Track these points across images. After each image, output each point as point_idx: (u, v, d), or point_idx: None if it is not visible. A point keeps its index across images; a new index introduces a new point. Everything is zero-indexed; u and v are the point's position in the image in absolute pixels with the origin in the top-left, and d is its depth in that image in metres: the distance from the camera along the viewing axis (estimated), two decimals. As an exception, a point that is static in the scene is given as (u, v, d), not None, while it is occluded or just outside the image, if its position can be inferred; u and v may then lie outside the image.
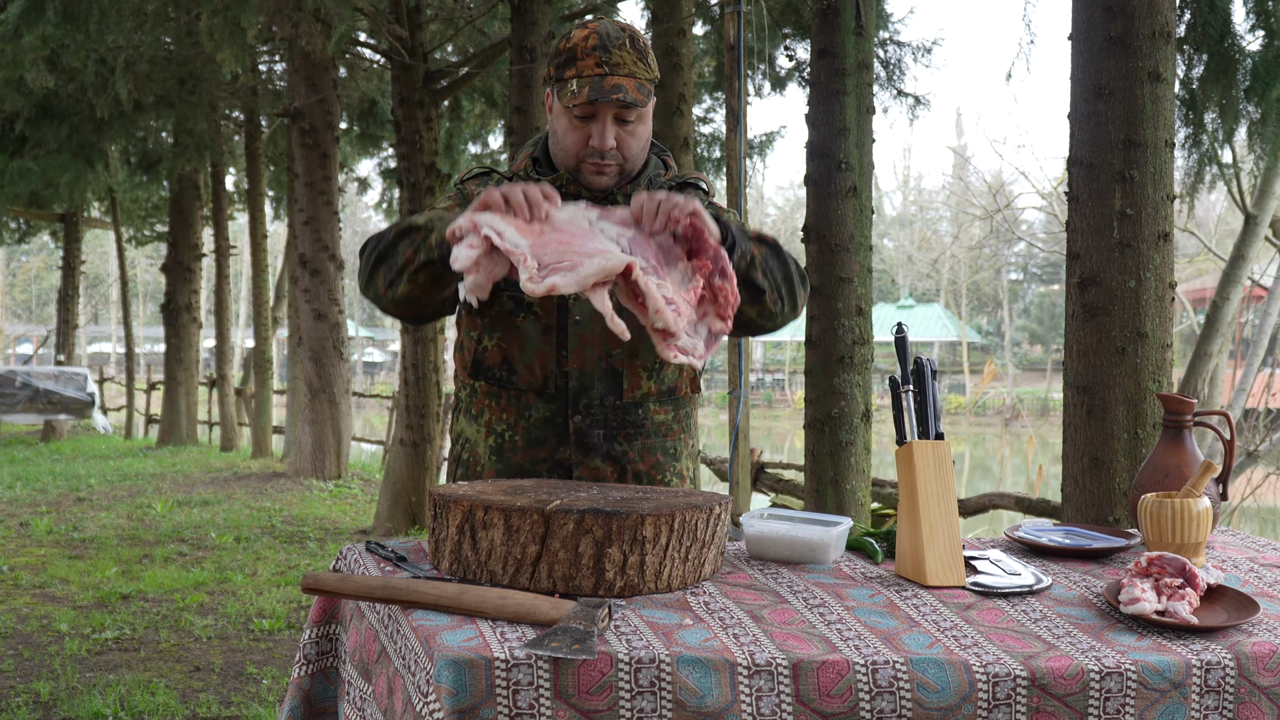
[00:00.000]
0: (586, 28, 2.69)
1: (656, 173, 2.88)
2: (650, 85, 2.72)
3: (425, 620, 1.98)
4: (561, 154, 2.77)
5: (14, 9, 9.45)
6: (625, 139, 2.72)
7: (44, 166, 16.33)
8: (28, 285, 70.54)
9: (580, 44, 2.67)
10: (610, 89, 2.64)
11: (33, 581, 8.31)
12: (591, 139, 2.70)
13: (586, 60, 2.65)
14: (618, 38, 2.67)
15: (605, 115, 2.68)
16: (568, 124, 2.72)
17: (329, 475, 14.61)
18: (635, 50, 2.69)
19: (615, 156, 2.72)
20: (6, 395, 20.37)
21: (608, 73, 2.65)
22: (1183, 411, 2.81)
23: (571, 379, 2.76)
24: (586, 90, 2.64)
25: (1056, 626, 2.10)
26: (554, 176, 2.77)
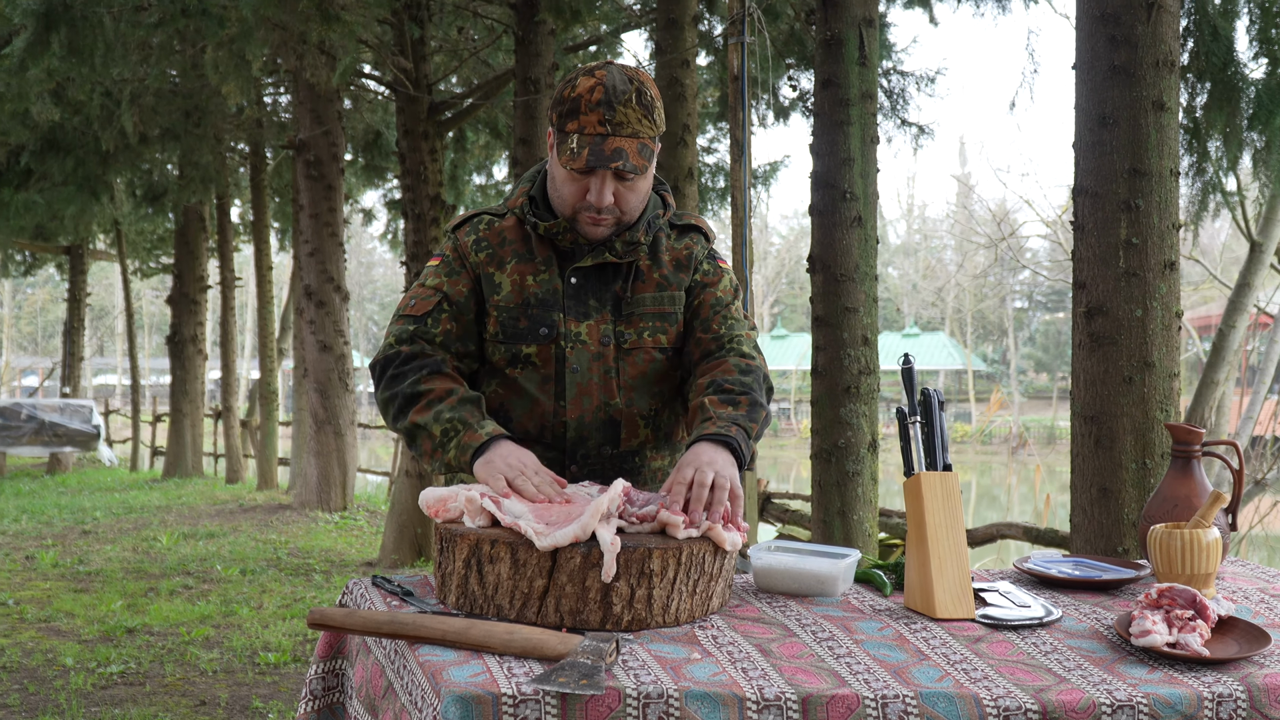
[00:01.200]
0: (594, 77, 2.61)
1: (655, 214, 2.83)
2: (654, 143, 2.67)
3: (432, 655, 1.97)
4: (559, 202, 2.73)
5: (19, 42, 9.49)
6: (624, 194, 2.68)
7: (49, 199, 16.38)
8: (33, 317, 70.64)
9: (585, 95, 2.59)
10: (610, 154, 2.59)
11: (38, 615, 8.29)
12: (589, 194, 2.65)
13: (589, 116, 2.59)
14: (624, 92, 2.60)
15: (604, 173, 2.63)
16: (566, 176, 2.67)
17: (335, 507, 14.59)
18: (641, 106, 2.62)
19: (613, 211, 2.68)
20: (12, 428, 20.39)
21: (609, 133, 2.59)
22: (1191, 441, 2.80)
23: (569, 429, 2.74)
24: (586, 153, 2.59)
25: (1067, 659, 2.09)
26: (552, 224, 2.74)
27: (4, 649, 7.29)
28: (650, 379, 2.78)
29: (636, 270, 2.79)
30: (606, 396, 2.73)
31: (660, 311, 2.78)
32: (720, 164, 14.70)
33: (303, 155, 14.27)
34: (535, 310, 2.73)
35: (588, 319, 2.74)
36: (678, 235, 2.88)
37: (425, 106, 11.91)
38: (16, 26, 9.81)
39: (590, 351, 2.72)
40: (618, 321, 2.75)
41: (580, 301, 2.74)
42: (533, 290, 2.74)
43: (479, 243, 2.80)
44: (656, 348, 2.78)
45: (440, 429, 2.57)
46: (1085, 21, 4.78)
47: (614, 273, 2.78)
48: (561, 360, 2.72)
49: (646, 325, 2.77)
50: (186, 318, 20.51)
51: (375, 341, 73.74)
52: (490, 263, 2.78)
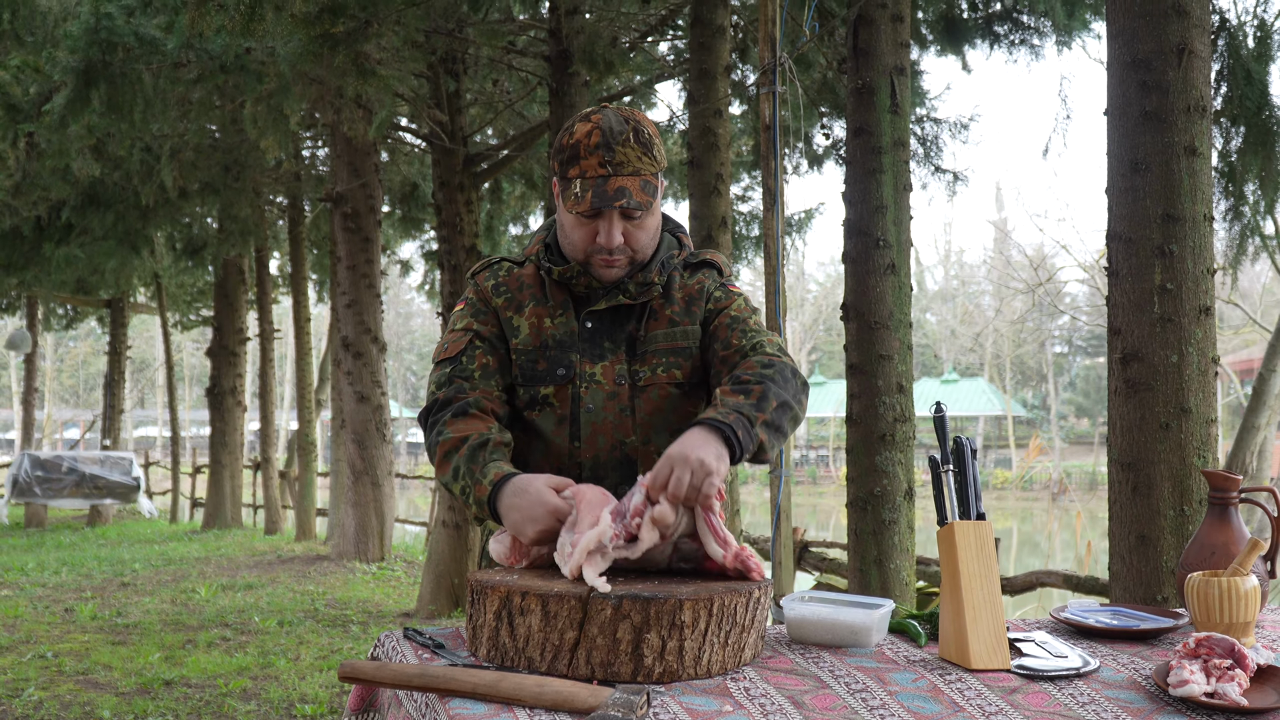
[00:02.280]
0: (589, 121, 2.65)
1: (670, 254, 2.85)
2: (656, 179, 2.69)
3: (463, 709, 1.97)
4: (570, 248, 2.76)
5: (60, 99, 9.62)
6: (633, 233, 2.70)
7: (90, 253, 16.54)
8: (75, 370, 71.24)
9: (583, 141, 2.63)
10: (614, 194, 2.62)
11: (76, 668, 8.32)
12: (599, 236, 2.68)
13: (589, 159, 2.62)
14: (621, 132, 2.64)
15: (611, 215, 2.66)
16: (574, 221, 2.70)
17: (372, 558, 14.60)
18: (639, 144, 2.65)
19: (624, 251, 2.71)
20: (53, 480, 20.52)
21: (611, 173, 2.62)
22: (1228, 488, 2.77)
23: (584, 469, 2.75)
24: (590, 196, 2.61)
25: (1105, 710, 2.07)
26: (565, 268, 2.77)
27: (42, 701, 7.31)
28: (666, 415, 2.78)
29: (650, 310, 2.81)
30: (621, 435, 2.74)
31: (673, 347, 2.79)
32: (754, 212, 14.72)
33: (340, 208, 14.37)
34: (553, 352, 2.76)
35: (602, 360, 2.76)
36: (690, 273, 2.89)
37: (461, 158, 11.99)
38: (57, 84, 9.94)
39: (605, 391, 2.74)
40: (632, 360, 2.77)
41: (595, 344, 2.77)
42: (550, 332, 2.77)
43: (498, 287, 2.84)
44: (671, 383, 2.78)
45: (459, 487, 2.60)
46: (1116, 67, 4.78)
47: (628, 314, 2.80)
48: (576, 401, 2.74)
49: (660, 361, 2.77)
50: (226, 369, 20.64)
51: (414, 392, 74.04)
52: (509, 307, 2.81)
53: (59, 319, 28.13)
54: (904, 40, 6.43)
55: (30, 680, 7.90)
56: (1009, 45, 10.18)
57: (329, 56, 9.09)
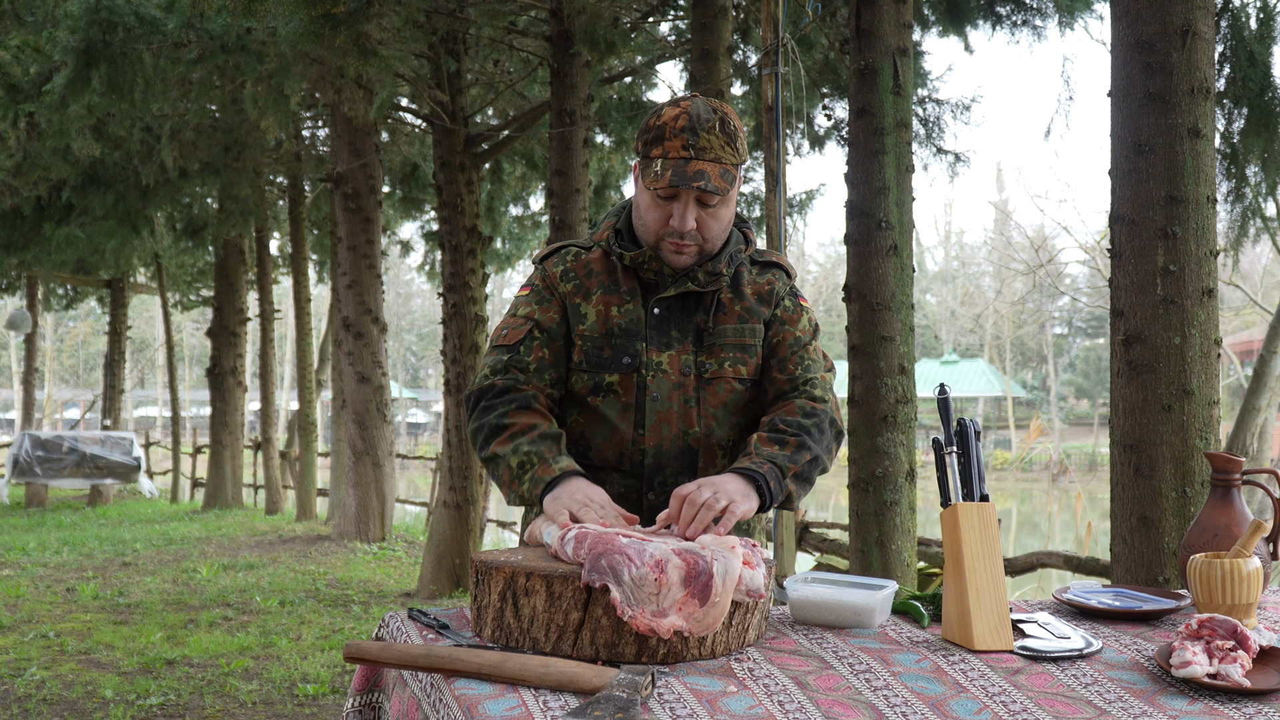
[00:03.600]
0: (679, 106, 2.70)
1: (738, 249, 2.88)
2: (735, 170, 2.72)
3: (468, 689, 1.97)
4: (643, 230, 2.79)
5: (60, 79, 9.59)
6: (706, 221, 2.73)
7: (90, 233, 16.52)
8: (75, 351, 71.22)
9: (670, 123, 2.68)
10: (693, 175, 2.65)
11: (78, 647, 8.34)
12: (672, 219, 2.71)
13: (674, 141, 2.66)
14: (708, 120, 2.68)
15: (687, 197, 2.69)
16: (650, 201, 2.73)
17: (373, 538, 14.62)
18: (724, 134, 2.69)
19: (695, 237, 2.73)
20: (54, 460, 20.54)
21: (693, 156, 2.66)
22: (1230, 470, 2.78)
23: (647, 456, 2.77)
24: (670, 174, 2.65)
25: (1108, 691, 2.07)
26: (637, 253, 2.79)
27: (44, 681, 7.33)
28: (730, 409, 2.82)
29: (719, 302, 2.84)
30: (685, 425, 2.77)
31: (741, 343, 2.83)
32: (756, 193, 14.68)
33: (341, 188, 14.35)
34: (619, 340, 2.78)
35: (669, 349, 2.78)
36: (759, 271, 2.93)
37: (462, 139, 11.97)
38: (57, 64, 9.91)
39: (671, 381, 2.77)
40: (699, 352, 2.80)
41: (663, 332, 2.79)
42: (617, 320, 2.79)
43: (566, 273, 2.86)
44: (737, 378, 2.82)
45: (518, 461, 2.64)
46: (1120, 49, 4.77)
47: (696, 304, 2.83)
48: (643, 389, 2.77)
49: (728, 355, 2.81)
50: (226, 350, 20.63)
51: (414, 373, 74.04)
52: (577, 293, 2.84)
53: (59, 299, 28.10)
54: (906, 21, 6.41)
55: (32, 660, 7.91)
56: (1011, 26, 10.15)
57: (330, 36, 9.06)
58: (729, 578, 2.16)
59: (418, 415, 69.74)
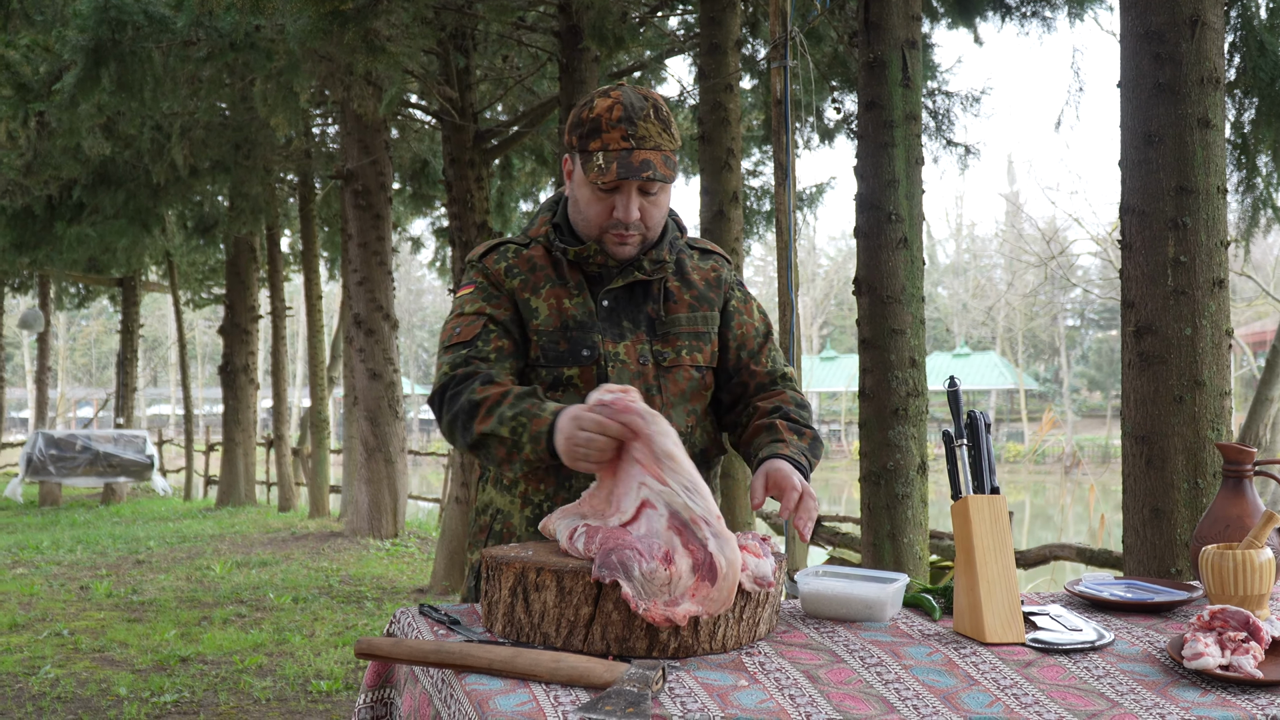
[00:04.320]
0: (609, 97, 2.69)
1: (675, 236, 2.89)
2: (674, 156, 2.73)
3: (479, 685, 1.97)
4: (584, 224, 2.78)
5: (70, 78, 9.61)
6: (648, 209, 2.73)
7: (102, 232, 16.55)
8: (87, 349, 71.41)
9: (605, 115, 2.67)
10: (639, 166, 2.65)
11: (92, 645, 8.36)
12: (616, 211, 2.71)
13: (612, 133, 2.65)
14: (641, 108, 2.68)
15: (630, 187, 2.69)
16: (591, 195, 2.72)
17: (386, 534, 14.64)
18: (660, 121, 2.69)
19: (639, 227, 2.74)
20: (67, 459, 20.60)
21: (634, 146, 2.65)
22: (1242, 461, 2.77)
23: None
24: (615, 166, 2.64)
25: (1120, 683, 2.07)
26: (581, 247, 2.78)
27: (59, 679, 7.35)
28: (687, 396, 2.83)
29: (667, 290, 2.85)
30: None
31: (695, 330, 2.84)
32: (765, 187, 14.69)
33: (351, 185, 14.37)
34: (575, 333, 2.76)
35: (624, 339, 2.78)
36: (700, 257, 2.96)
37: (471, 135, 11.97)
38: (67, 62, 9.94)
39: (631, 370, 2.76)
40: (654, 341, 2.80)
41: (614, 323, 2.78)
42: (571, 313, 2.77)
43: (510, 269, 2.83)
44: (694, 365, 2.84)
45: (508, 430, 2.55)
46: (1129, 39, 4.76)
47: (644, 293, 2.83)
48: (603, 380, 2.74)
49: (684, 344, 2.82)
50: (238, 347, 20.66)
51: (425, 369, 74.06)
52: (525, 288, 2.80)
53: (71, 298, 28.18)
54: (915, 13, 6.40)
55: (47, 658, 7.94)
56: (1021, 17, 10.12)
57: (338, 33, 9.06)
58: (726, 546, 2.16)
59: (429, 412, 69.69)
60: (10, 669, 7.63)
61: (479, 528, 2.93)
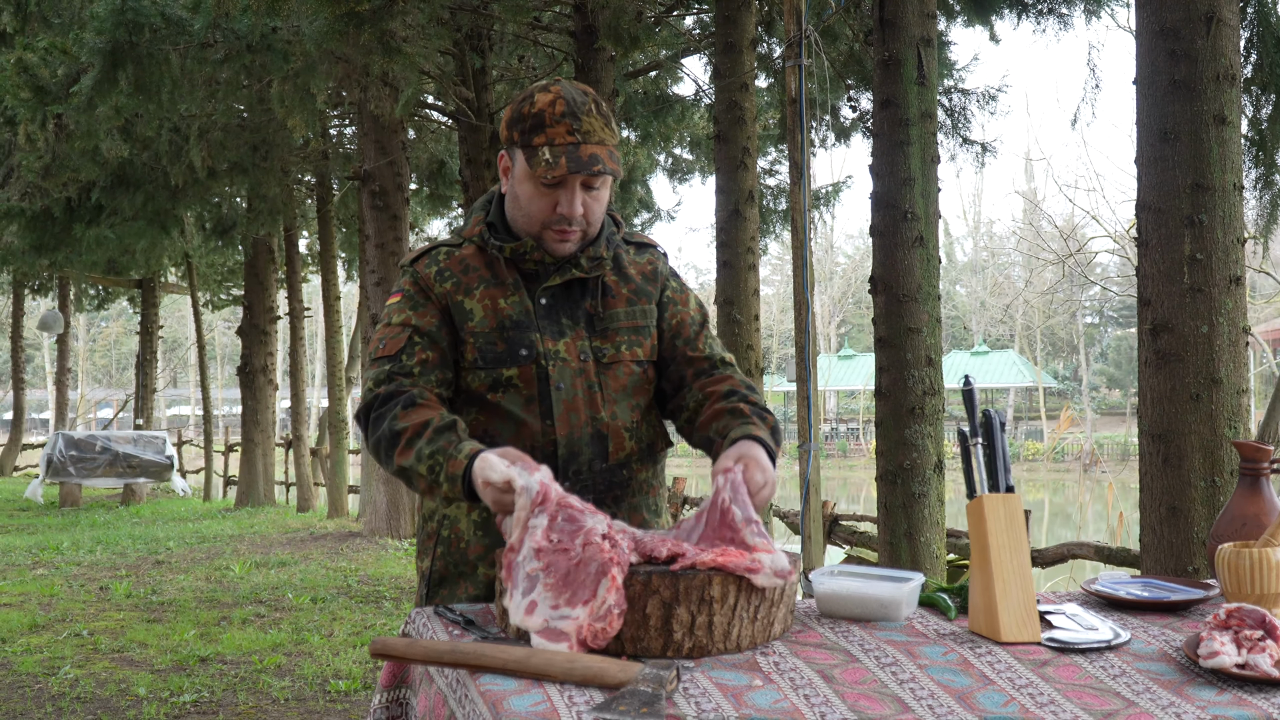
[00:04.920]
0: (549, 92, 2.67)
1: (611, 231, 2.87)
2: (617, 152, 2.72)
3: (493, 685, 1.97)
4: (524, 220, 2.75)
5: (87, 80, 9.65)
6: (590, 205, 2.71)
7: (121, 234, 16.60)
8: (107, 350, 71.71)
9: (548, 109, 2.64)
10: (588, 160, 2.62)
11: (111, 645, 8.39)
12: (559, 206, 2.68)
13: (557, 128, 2.63)
14: (584, 102, 2.66)
15: (574, 182, 2.67)
16: (534, 190, 2.69)
17: (404, 534, 14.67)
18: (601, 115, 2.68)
19: (581, 223, 2.71)
20: (87, 459, 20.67)
21: (580, 141, 2.64)
22: (1259, 459, 2.76)
23: (560, 446, 2.72)
24: (564, 160, 2.61)
25: (1136, 682, 2.06)
26: (518, 244, 2.75)
27: (78, 679, 7.38)
28: (630, 391, 2.81)
29: (604, 286, 2.83)
30: (593, 411, 2.74)
31: (634, 325, 2.83)
32: (781, 186, 14.69)
33: (368, 186, 14.39)
34: (511, 332, 2.73)
35: (563, 337, 2.75)
36: (636, 251, 2.94)
37: (488, 135, 11.99)
38: (84, 65, 9.97)
39: (572, 368, 2.74)
40: (593, 337, 2.78)
41: (553, 321, 2.76)
42: (506, 313, 2.74)
43: (442, 273, 2.80)
44: (634, 360, 2.82)
45: (425, 467, 2.52)
46: (1145, 36, 4.75)
47: (582, 290, 2.81)
48: (545, 379, 2.72)
49: (623, 339, 2.81)
50: (257, 348, 20.72)
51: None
52: (458, 290, 2.77)
53: (90, 299, 28.31)
54: (931, 11, 6.39)
55: (66, 658, 7.97)
56: (1037, 14, 10.10)
57: (355, 35, 9.09)
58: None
59: (448, 411, 69.78)
60: (30, 669, 7.66)
61: (426, 534, 2.89)
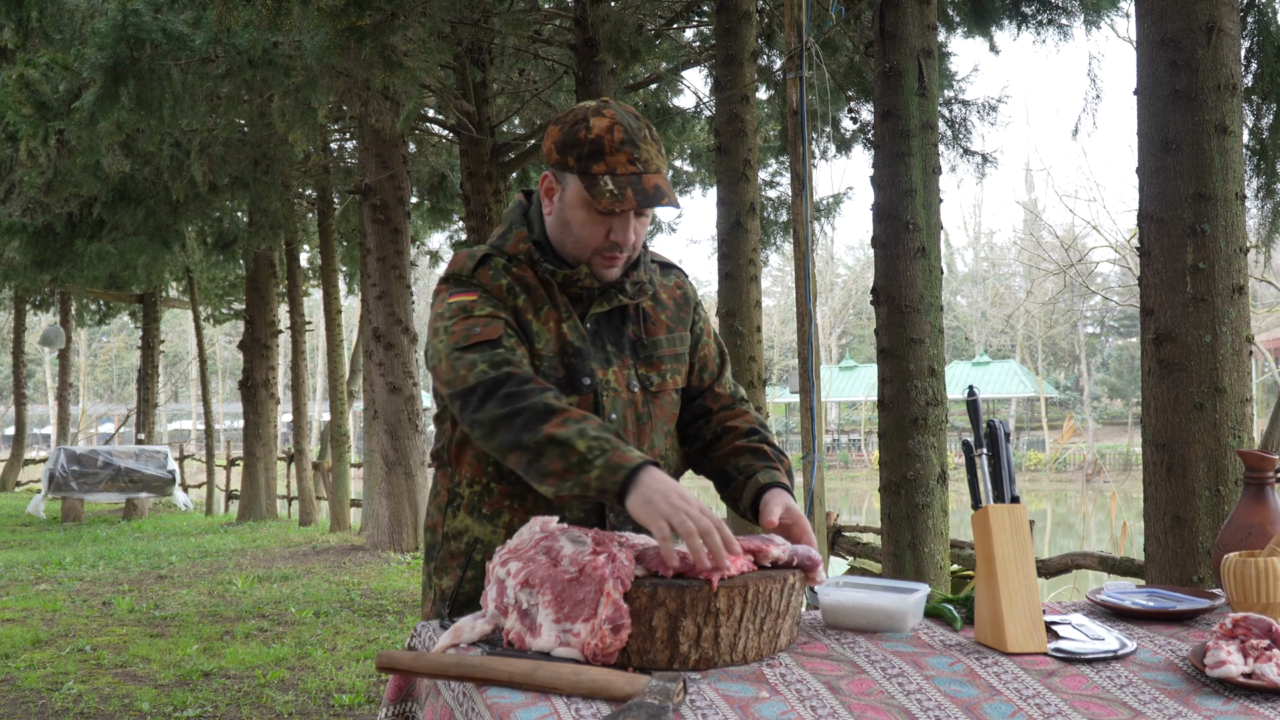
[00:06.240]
0: (604, 116, 2.59)
1: (642, 254, 2.80)
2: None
3: (500, 698, 1.97)
4: (574, 245, 2.66)
5: (89, 96, 9.66)
6: (639, 231, 2.67)
7: (122, 249, 16.61)
8: (108, 365, 71.72)
9: (605, 136, 2.56)
10: (654, 192, 2.57)
11: (115, 661, 8.38)
12: (612, 234, 2.62)
13: (617, 156, 2.56)
14: (639, 129, 2.59)
15: (631, 212, 2.62)
16: (587, 217, 2.61)
17: (407, 547, 14.65)
18: (654, 141, 2.62)
19: (629, 249, 2.67)
20: (89, 474, 20.67)
21: (642, 171, 2.57)
22: (1264, 468, 2.76)
23: None
24: (630, 193, 2.55)
25: (1142, 692, 2.06)
26: (572, 271, 2.67)
27: (81, 695, 7.37)
28: (668, 420, 2.80)
29: (644, 312, 2.79)
30: (639, 442, 2.71)
31: (675, 353, 2.81)
32: (782, 198, 14.69)
33: (369, 200, 14.40)
34: (573, 360, 2.65)
35: (610, 365, 2.70)
36: (662, 272, 2.90)
37: (489, 148, 12.01)
38: (86, 80, 9.98)
39: (623, 398, 2.70)
40: (638, 364, 2.74)
41: (600, 348, 2.70)
42: (568, 338, 2.67)
43: (512, 288, 2.67)
44: (675, 389, 2.81)
45: (585, 445, 2.35)
46: (1146, 47, 4.75)
47: (622, 316, 2.76)
48: (599, 410, 2.66)
49: (667, 367, 2.78)
50: (258, 362, 20.72)
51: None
52: (528, 309, 2.67)
53: (92, 314, 28.31)
54: (931, 23, 6.40)
55: (69, 674, 7.96)
56: (1037, 25, 10.12)
57: (356, 49, 9.11)
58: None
59: (449, 425, 69.78)
60: (33, 685, 7.65)
61: (449, 553, 2.78)
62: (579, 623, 2.14)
